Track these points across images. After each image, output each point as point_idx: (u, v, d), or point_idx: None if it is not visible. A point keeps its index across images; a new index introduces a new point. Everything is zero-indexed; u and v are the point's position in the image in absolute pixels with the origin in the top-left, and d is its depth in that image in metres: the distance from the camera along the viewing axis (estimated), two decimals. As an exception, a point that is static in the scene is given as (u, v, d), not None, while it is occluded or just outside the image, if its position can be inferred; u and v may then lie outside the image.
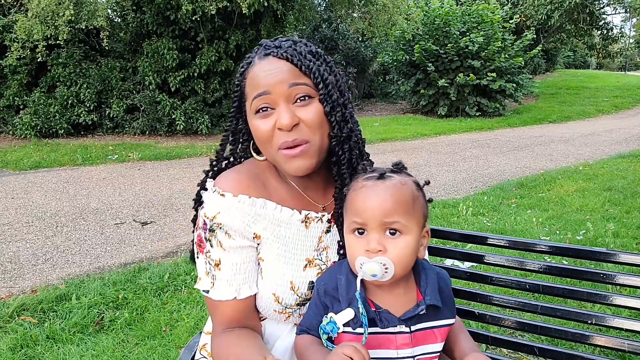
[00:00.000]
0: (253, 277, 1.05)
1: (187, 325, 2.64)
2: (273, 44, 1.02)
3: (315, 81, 0.98)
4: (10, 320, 2.71)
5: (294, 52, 0.99)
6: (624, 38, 27.95)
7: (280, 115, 0.96)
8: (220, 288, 1.02)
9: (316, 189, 1.10)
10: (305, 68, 0.98)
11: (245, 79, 1.03)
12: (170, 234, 4.32)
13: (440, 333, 0.98)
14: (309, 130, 0.98)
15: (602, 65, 41.36)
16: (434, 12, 12.60)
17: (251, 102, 1.00)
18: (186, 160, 7.66)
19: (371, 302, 0.94)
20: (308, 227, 1.07)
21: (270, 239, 1.04)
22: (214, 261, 1.03)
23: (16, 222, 4.59)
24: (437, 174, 6.61)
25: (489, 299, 1.35)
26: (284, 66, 0.98)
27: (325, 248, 1.09)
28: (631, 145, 8.68)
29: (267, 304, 1.05)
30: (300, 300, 1.05)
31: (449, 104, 12.57)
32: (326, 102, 0.99)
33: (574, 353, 1.25)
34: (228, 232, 1.01)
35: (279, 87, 0.97)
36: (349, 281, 0.96)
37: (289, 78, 0.97)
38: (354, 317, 0.91)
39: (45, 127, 8.84)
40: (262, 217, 1.03)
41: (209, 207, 1.03)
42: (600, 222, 4.26)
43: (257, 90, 0.98)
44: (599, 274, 1.24)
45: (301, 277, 1.05)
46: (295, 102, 0.98)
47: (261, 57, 1.01)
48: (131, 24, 9.53)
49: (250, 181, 1.05)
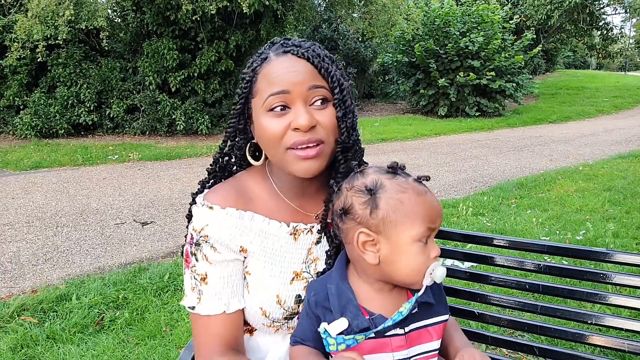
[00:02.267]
0: (240, 291, 1.03)
1: (187, 325, 2.65)
2: (291, 42, 1.00)
3: (332, 85, 0.97)
4: (10, 320, 2.71)
5: (314, 54, 0.98)
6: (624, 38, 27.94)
7: (298, 116, 0.94)
8: (207, 302, 0.99)
9: (310, 196, 1.08)
10: (324, 71, 0.97)
11: (258, 75, 0.99)
12: (170, 234, 4.32)
13: (435, 331, 0.97)
14: (324, 132, 0.96)
15: (602, 65, 41.35)
16: (434, 12, 12.61)
17: (264, 100, 0.96)
18: (186, 161, 7.66)
19: (363, 309, 0.93)
20: (297, 239, 1.05)
21: (257, 252, 1.02)
22: (200, 275, 1.00)
23: (16, 222, 4.60)
24: (437, 174, 6.61)
25: (489, 299, 1.35)
26: (304, 66, 0.96)
27: (315, 260, 1.06)
28: (631, 146, 8.68)
29: (255, 317, 1.03)
30: (288, 314, 1.03)
31: (449, 104, 12.57)
32: (340, 107, 0.98)
33: (574, 353, 1.25)
34: (214, 246, 0.99)
35: (299, 88, 0.94)
36: (339, 290, 0.94)
37: (309, 79, 0.95)
38: (347, 327, 0.90)
39: (46, 127, 8.84)
40: (250, 229, 1.01)
41: (197, 220, 1.02)
42: (600, 222, 4.26)
43: (275, 87, 0.95)
44: (599, 274, 1.24)
45: (288, 290, 1.02)
46: (312, 104, 0.96)
47: (278, 54, 0.98)
48: (131, 24, 9.53)
49: (239, 195, 1.03)
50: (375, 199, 0.89)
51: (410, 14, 12.81)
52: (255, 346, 1.09)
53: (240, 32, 9.34)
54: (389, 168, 0.94)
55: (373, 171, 0.94)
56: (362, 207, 0.90)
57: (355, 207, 0.91)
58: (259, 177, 1.08)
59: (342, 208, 0.93)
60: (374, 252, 0.90)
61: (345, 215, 0.92)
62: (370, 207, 0.89)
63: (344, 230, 0.94)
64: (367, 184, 0.91)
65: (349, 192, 0.93)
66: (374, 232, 0.89)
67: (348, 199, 0.92)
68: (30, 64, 8.69)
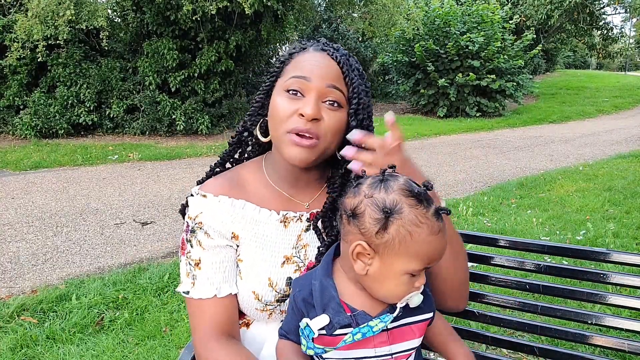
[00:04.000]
0: (232, 277, 1.07)
1: (187, 325, 2.64)
2: (332, 46, 1.07)
3: (351, 94, 1.03)
4: (10, 321, 2.71)
5: (346, 61, 1.04)
6: (624, 38, 27.93)
7: (306, 104, 0.99)
8: (200, 287, 1.04)
9: (301, 187, 1.12)
10: (349, 79, 1.03)
11: (292, 59, 1.06)
12: (170, 234, 4.32)
13: (418, 328, 0.98)
14: (324, 130, 1.00)
15: (602, 65, 41.34)
16: (434, 12, 12.61)
17: (286, 80, 1.02)
18: (186, 161, 7.66)
19: (346, 306, 0.94)
20: (287, 226, 1.09)
21: (249, 239, 1.07)
22: (194, 261, 1.05)
23: (16, 222, 4.59)
24: (437, 174, 6.61)
25: (489, 299, 1.34)
26: (332, 66, 1.03)
27: (305, 246, 1.10)
28: (631, 146, 8.68)
29: (248, 302, 1.07)
30: (280, 297, 1.06)
31: (449, 105, 12.57)
32: (353, 117, 1.03)
33: (574, 353, 1.25)
34: (207, 232, 1.05)
35: (319, 81, 1.00)
36: (322, 287, 0.95)
37: (331, 78, 1.01)
38: (328, 323, 0.92)
39: (45, 127, 8.83)
40: (241, 217, 1.06)
41: (192, 208, 1.08)
42: (600, 222, 4.26)
43: (299, 72, 1.01)
44: (599, 274, 1.23)
45: (279, 273, 1.06)
46: (324, 102, 1.01)
47: (316, 49, 1.06)
48: (131, 24, 9.53)
49: (232, 185, 1.09)
50: (387, 222, 0.86)
51: (410, 14, 12.81)
52: (251, 338, 1.11)
53: (240, 32, 9.34)
54: (416, 190, 0.89)
55: (398, 188, 0.89)
56: (371, 223, 0.87)
57: (365, 219, 0.88)
58: (253, 169, 1.14)
59: (353, 211, 0.90)
60: (364, 264, 0.90)
61: (352, 218, 0.90)
62: (380, 227, 0.87)
63: (345, 229, 0.94)
64: (387, 203, 0.87)
65: (366, 199, 0.89)
66: (372, 249, 0.88)
67: (362, 206, 0.89)
68: (30, 64, 8.68)
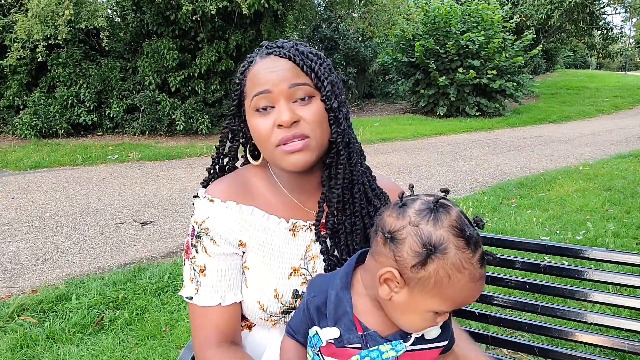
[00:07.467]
0: (237, 285, 1.04)
1: (187, 325, 2.64)
2: (275, 44, 1.03)
3: (316, 80, 0.99)
4: (10, 320, 2.71)
5: (296, 52, 1.00)
6: (624, 38, 27.95)
7: (280, 113, 0.96)
8: (204, 294, 1.02)
9: (309, 192, 1.09)
10: (307, 67, 0.98)
11: (246, 78, 1.02)
12: (170, 234, 4.32)
13: (430, 354, 0.94)
14: (309, 126, 0.97)
15: (602, 65, 41.32)
16: (434, 12, 12.60)
17: (251, 100, 0.99)
18: (186, 160, 7.66)
19: (358, 324, 0.90)
20: (296, 235, 1.06)
21: (256, 247, 1.04)
22: (199, 267, 1.03)
23: (16, 222, 4.59)
24: (437, 174, 6.61)
25: (489, 299, 1.35)
26: (285, 64, 0.98)
27: (313, 257, 1.07)
28: (631, 145, 8.68)
29: (252, 312, 1.05)
30: (285, 309, 1.04)
31: (449, 104, 12.57)
32: (328, 100, 0.99)
33: (574, 353, 1.25)
34: (213, 239, 1.01)
35: (280, 86, 0.96)
36: (338, 299, 0.92)
37: (290, 77, 0.97)
38: (338, 337, 0.89)
39: (45, 127, 8.83)
40: (249, 224, 1.03)
41: (198, 212, 1.04)
42: (600, 222, 4.26)
43: (258, 88, 0.98)
44: (598, 274, 1.24)
45: (285, 285, 1.04)
46: (295, 102, 0.98)
47: (262, 57, 1.01)
48: (131, 24, 9.53)
49: (239, 189, 1.05)
50: (427, 259, 0.80)
51: (410, 14, 12.81)
52: (253, 341, 1.09)
53: (240, 32, 9.33)
54: (468, 233, 0.81)
55: (449, 224, 0.81)
56: (410, 254, 0.81)
57: (405, 248, 0.81)
58: (261, 172, 1.10)
59: (392, 234, 0.83)
60: (390, 290, 0.85)
61: (390, 241, 0.83)
62: (418, 262, 0.80)
63: (378, 248, 0.87)
64: (432, 239, 0.80)
65: (410, 226, 0.82)
66: (402, 280, 0.83)
67: (404, 232, 0.82)
68: (30, 63, 8.68)
